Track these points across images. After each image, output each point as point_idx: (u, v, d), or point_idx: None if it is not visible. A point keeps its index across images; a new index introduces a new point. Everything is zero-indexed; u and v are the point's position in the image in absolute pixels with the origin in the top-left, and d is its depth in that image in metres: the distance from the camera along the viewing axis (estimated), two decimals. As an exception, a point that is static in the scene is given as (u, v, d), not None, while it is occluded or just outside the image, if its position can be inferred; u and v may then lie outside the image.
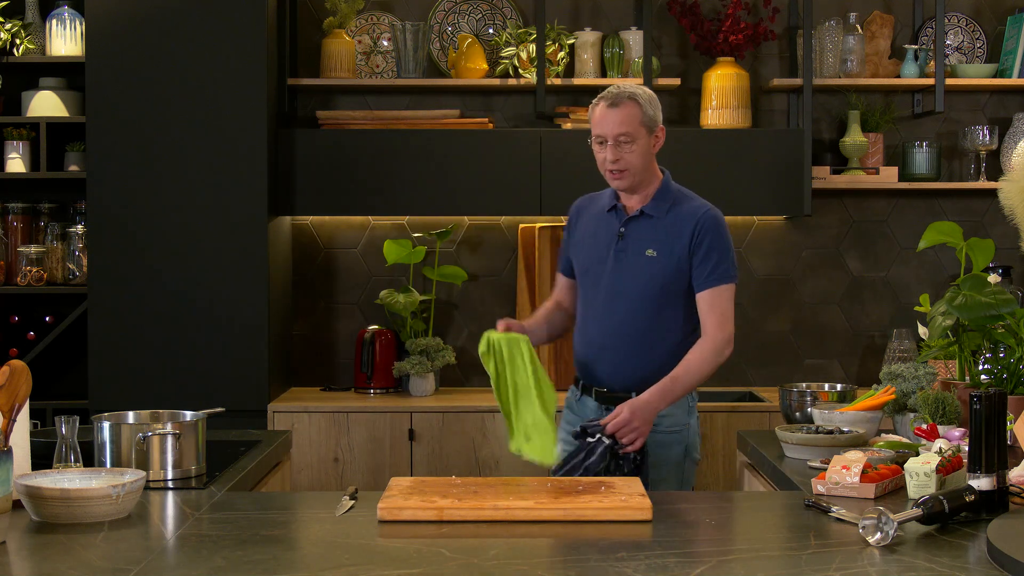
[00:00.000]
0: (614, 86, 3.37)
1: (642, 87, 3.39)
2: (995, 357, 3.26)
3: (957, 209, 5.17)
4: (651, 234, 3.36)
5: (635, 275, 3.35)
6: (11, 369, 2.35)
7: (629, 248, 3.37)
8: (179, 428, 2.80)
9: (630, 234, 3.38)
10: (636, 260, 3.36)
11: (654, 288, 3.33)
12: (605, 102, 3.34)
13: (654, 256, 3.34)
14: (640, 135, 3.32)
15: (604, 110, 3.33)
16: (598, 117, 3.34)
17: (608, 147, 3.32)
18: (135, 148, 4.63)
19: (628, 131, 3.30)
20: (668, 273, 3.33)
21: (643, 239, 3.37)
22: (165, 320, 4.63)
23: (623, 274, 3.36)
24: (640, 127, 3.32)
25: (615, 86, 3.37)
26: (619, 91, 3.34)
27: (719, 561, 2.15)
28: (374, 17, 5.16)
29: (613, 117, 3.31)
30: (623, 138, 3.30)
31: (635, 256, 3.36)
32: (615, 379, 3.36)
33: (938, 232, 3.45)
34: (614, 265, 3.37)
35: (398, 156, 4.86)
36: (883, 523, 2.17)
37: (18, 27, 4.90)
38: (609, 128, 3.31)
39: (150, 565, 2.11)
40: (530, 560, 2.16)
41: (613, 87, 3.36)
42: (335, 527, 2.39)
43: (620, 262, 3.37)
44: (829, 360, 5.20)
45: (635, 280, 3.34)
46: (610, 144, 3.32)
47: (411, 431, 4.63)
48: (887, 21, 5.12)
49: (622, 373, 3.35)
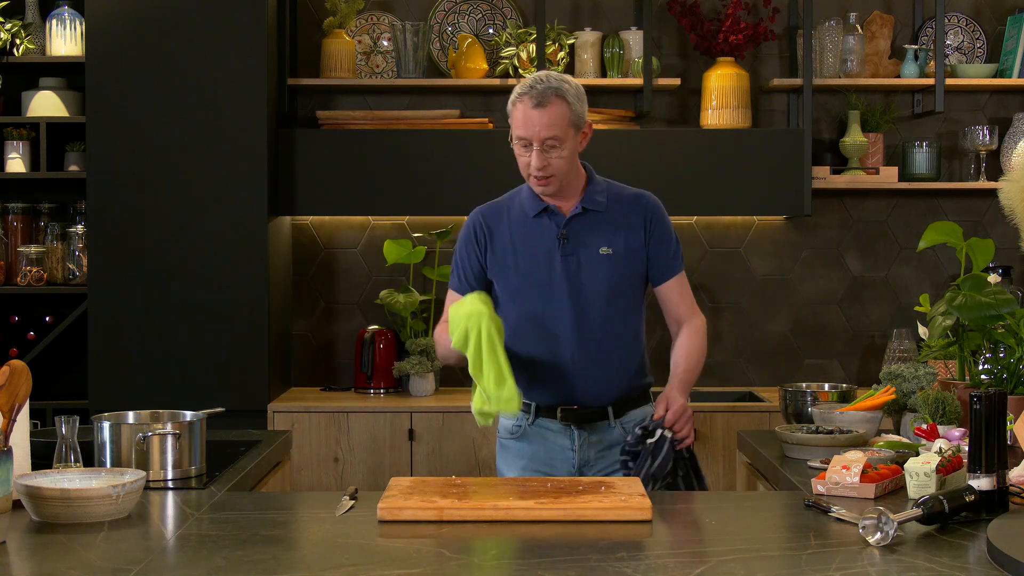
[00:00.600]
0: (536, 77, 3.01)
1: (566, 78, 3.06)
2: (995, 357, 3.26)
3: (957, 209, 5.17)
4: (600, 230, 3.09)
5: (594, 278, 3.07)
6: (11, 369, 2.35)
7: (578, 251, 3.08)
8: (179, 428, 2.79)
9: (575, 235, 3.09)
10: (591, 262, 3.08)
11: (619, 287, 3.09)
12: (529, 101, 2.99)
13: (610, 253, 3.08)
14: (568, 136, 3.02)
15: (528, 110, 2.99)
16: (521, 117, 3.01)
17: (534, 152, 3.01)
18: (135, 148, 4.63)
19: (556, 134, 2.99)
20: (629, 268, 3.10)
21: (592, 237, 3.09)
22: (165, 320, 4.63)
23: (580, 279, 3.07)
24: (568, 128, 3.01)
25: (538, 77, 3.01)
26: (544, 86, 2.99)
27: (719, 561, 2.15)
28: (374, 17, 5.16)
29: (539, 119, 2.98)
30: (551, 142, 3.00)
31: (588, 258, 3.08)
32: (593, 394, 3.10)
33: (938, 232, 3.45)
34: (565, 272, 3.07)
35: (398, 156, 4.86)
36: (883, 523, 2.17)
37: (18, 27, 4.90)
38: (535, 131, 2.99)
39: (150, 565, 2.11)
40: (530, 560, 2.16)
41: (535, 79, 3.01)
42: (335, 527, 2.39)
43: (571, 267, 3.07)
44: (829, 360, 5.20)
45: (597, 283, 3.07)
46: (536, 149, 3.01)
47: (411, 431, 4.63)
48: (887, 21, 5.12)
49: (602, 386, 3.10)
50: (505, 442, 3.19)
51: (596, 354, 3.08)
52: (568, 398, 3.09)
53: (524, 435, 3.14)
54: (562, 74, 3.08)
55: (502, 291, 3.13)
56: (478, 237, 3.18)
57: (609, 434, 3.11)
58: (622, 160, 4.82)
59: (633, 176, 4.78)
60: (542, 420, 3.12)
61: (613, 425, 3.11)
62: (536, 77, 3.02)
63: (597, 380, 3.09)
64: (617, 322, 3.10)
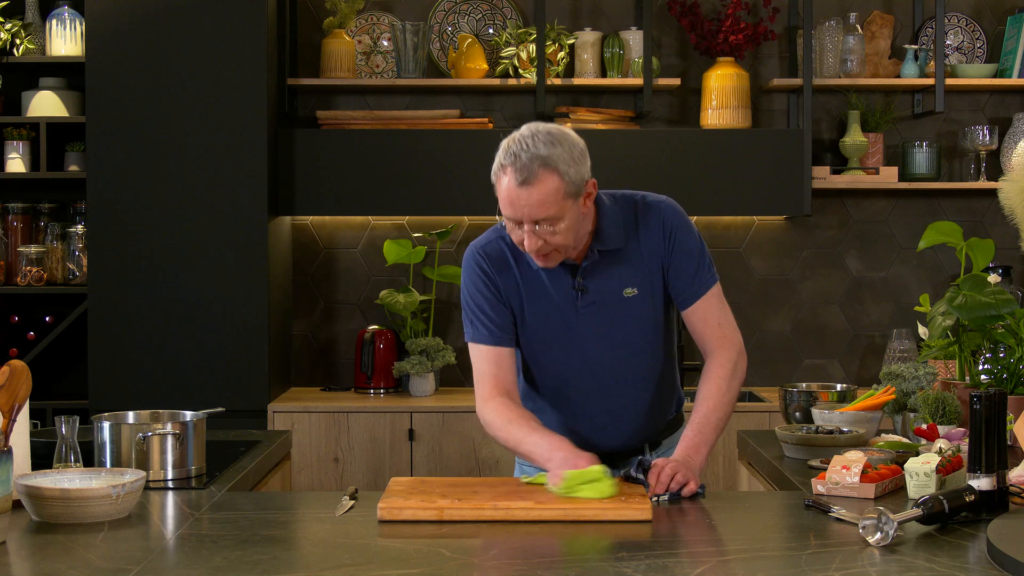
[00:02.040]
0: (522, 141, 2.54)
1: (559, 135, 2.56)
2: (995, 357, 3.26)
3: (957, 209, 5.17)
4: (619, 270, 2.71)
5: (621, 324, 2.72)
6: (11, 369, 2.35)
7: (599, 299, 2.71)
8: (179, 428, 2.79)
9: (593, 282, 2.71)
10: (616, 308, 2.72)
11: (650, 330, 2.76)
12: (514, 176, 2.52)
13: (635, 294, 2.72)
14: (565, 210, 2.55)
15: (513, 188, 2.53)
16: (505, 195, 2.55)
17: (526, 232, 2.57)
18: (135, 148, 4.63)
19: (549, 214, 2.54)
20: (657, 306, 2.76)
21: (613, 279, 2.71)
22: (165, 320, 4.63)
23: (607, 329, 2.72)
24: (563, 202, 2.54)
25: (523, 142, 2.54)
26: (529, 156, 2.52)
27: (719, 561, 2.15)
28: (374, 17, 5.16)
29: (526, 199, 2.53)
30: (544, 224, 2.56)
31: (612, 304, 2.72)
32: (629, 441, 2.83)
33: (938, 232, 3.45)
34: (587, 327, 2.72)
35: (398, 156, 4.85)
36: (883, 523, 2.17)
37: (18, 27, 4.90)
38: (523, 212, 2.54)
39: (150, 565, 2.11)
40: (530, 560, 2.16)
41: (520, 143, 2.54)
42: (335, 527, 2.39)
43: (593, 317, 2.71)
44: (829, 360, 5.20)
45: (624, 330, 2.73)
46: (527, 229, 2.57)
47: (411, 431, 4.63)
48: (887, 21, 5.12)
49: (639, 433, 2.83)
50: (528, 469, 2.87)
51: (629, 404, 2.80)
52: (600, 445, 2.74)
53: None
54: (552, 129, 2.58)
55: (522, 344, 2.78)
56: (489, 277, 2.73)
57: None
58: (622, 160, 4.82)
59: (633, 176, 4.80)
60: None
61: (649, 457, 2.75)
62: (522, 141, 2.55)
63: (630, 428, 2.82)
64: (650, 367, 2.80)
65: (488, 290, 2.73)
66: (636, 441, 2.86)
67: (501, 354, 2.74)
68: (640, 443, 2.87)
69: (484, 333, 2.73)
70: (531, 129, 2.59)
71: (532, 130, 2.58)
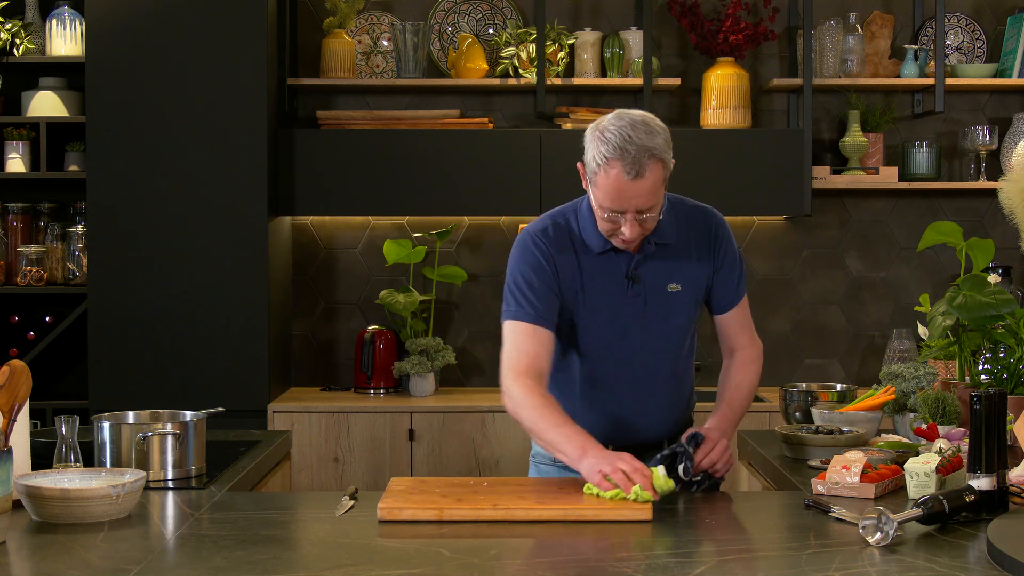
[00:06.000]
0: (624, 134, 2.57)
1: (654, 125, 2.63)
2: (995, 357, 3.26)
3: (957, 209, 5.17)
4: (669, 265, 2.79)
5: (664, 318, 2.80)
6: (11, 369, 2.35)
7: (648, 290, 2.78)
8: (179, 428, 2.79)
9: (644, 273, 2.78)
10: (660, 301, 2.79)
11: (683, 326, 2.83)
12: (623, 170, 2.57)
13: (678, 290, 2.80)
14: (662, 196, 2.67)
15: (622, 181, 2.58)
16: (612, 188, 2.59)
17: (628, 221, 2.64)
18: (135, 148, 4.63)
19: (652, 203, 2.63)
20: (694, 304, 2.85)
21: (662, 274, 2.79)
22: (165, 320, 4.63)
23: (649, 322, 2.78)
24: (662, 188, 2.65)
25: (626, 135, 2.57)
26: (637, 148, 2.56)
27: (719, 561, 2.15)
28: (374, 17, 5.16)
29: (636, 190, 2.59)
30: (647, 212, 2.64)
31: (658, 297, 2.79)
32: (648, 433, 2.86)
33: (938, 232, 3.45)
34: (633, 314, 2.77)
35: (398, 156, 4.86)
36: (883, 523, 2.17)
37: (18, 27, 4.90)
38: (631, 204, 2.61)
39: (150, 565, 2.11)
40: (530, 560, 2.16)
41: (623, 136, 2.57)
42: (335, 527, 2.39)
43: (638, 308, 2.78)
44: (829, 360, 5.20)
45: (664, 324, 2.80)
46: (630, 218, 2.64)
47: (411, 431, 4.63)
48: (887, 21, 5.12)
49: (657, 426, 2.87)
50: (543, 467, 2.94)
51: (652, 398, 2.84)
52: (619, 438, 2.79)
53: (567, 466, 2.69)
54: (646, 117, 2.63)
55: (565, 326, 2.79)
56: (547, 259, 2.74)
57: None
58: (622, 160, 4.82)
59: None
60: None
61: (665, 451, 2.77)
62: (622, 132, 2.57)
63: (654, 421, 2.86)
64: (679, 362, 2.87)
65: (542, 272, 2.73)
66: (655, 430, 2.88)
67: (543, 335, 2.72)
68: (660, 434, 2.88)
69: (531, 312, 2.72)
70: (626, 119, 2.61)
71: (628, 120, 2.60)
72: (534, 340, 2.71)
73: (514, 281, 2.76)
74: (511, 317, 2.74)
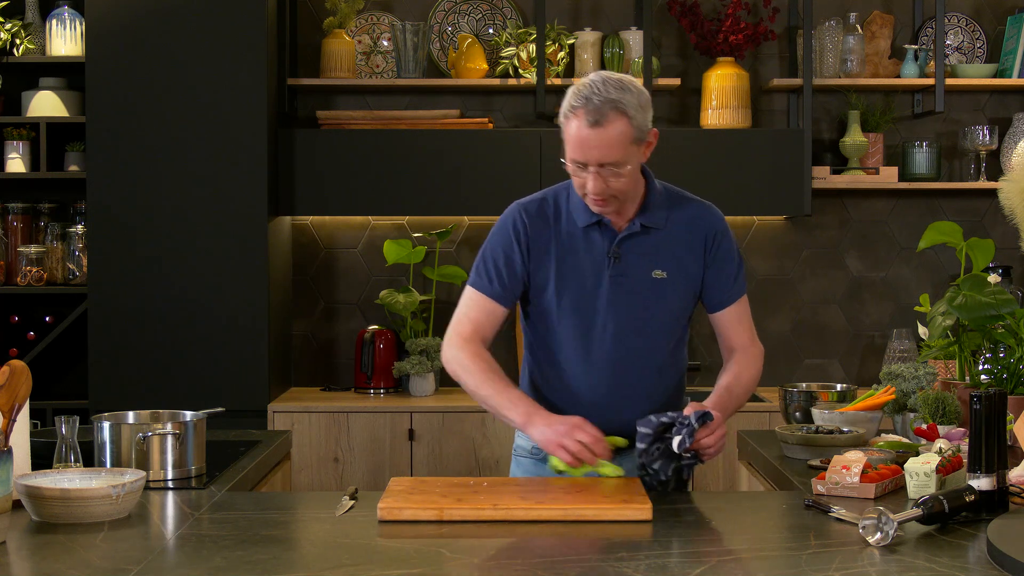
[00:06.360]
0: (593, 85, 2.62)
1: (628, 83, 2.65)
2: (995, 357, 3.26)
3: (957, 209, 5.17)
4: (655, 250, 2.77)
5: (645, 304, 2.76)
6: (11, 369, 2.35)
7: (630, 272, 2.76)
8: (179, 428, 2.79)
9: (628, 255, 2.76)
10: (642, 286, 2.76)
11: (667, 315, 2.79)
12: (585, 118, 2.60)
13: (664, 278, 2.77)
14: (630, 155, 2.65)
15: (583, 129, 2.61)
16: (574, 136, 2.63)
17: (591, 174, 2.65)
18: (135, 148, 4.63)
19: (616, 158, 2.63)
20: (682, 296, 2.81)
21: (646, 258, 2.77)
22: (165, 320, 4.63)
23: (628, 305, 2.76)
24: (629, 147, 2.64)
25: (594, 86, 2.61)
26: (601, 99, 2.59)
27: (719, 561, 2.15)
28: (374, 17, 5.16)
29: (595, 140, 2.61)
30: (610, 167, 2.64)
31: (640, 281, 2.76)
32: (627, 422, 2.76)
33: (938, 232, 3.45)
34: (612, 296, 2.76)
35: (398, 156, 4.86)
36: (883, 523, 2.17)
37: (18, 27, 4.90)
38: (592, 154, 2.62)
39: (150, 565, 2.11)
40: (530, 560, 2.16)
41: (592, 87, 2.62)
42: (335, 527, 2.39)
43: (620, 290, 2.76)
44: (829, 360, 5.20)
45: (646, 310, 2.77)
46: (592, 171, 2.64)
47: (411, 431, 4.63)
48: (887, 21, 5.12)
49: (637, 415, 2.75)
50: (523, 460, 2.94)
51: (633, 387, 2.81)
52: (602, 425, 2.73)
53: (546, 457, 2.76)
54: (622, 77, 2.66)
55: (543, 303, 2.80)
56: (520, 237, 2.79)
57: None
58: (622, 160, 4.82)
59: (633, 176, 4.80)
60: None
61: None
62: (592, 85, 2.62)
63: (630, 412, 2.77)
64: (661, 352, 2.83)
65: (513, 255, 2.79)
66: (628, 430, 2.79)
67: (496, 310, 2.80)
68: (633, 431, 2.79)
69: (493, 289, 2.80)
70: (601, 76, 2.65)
71: (602, 77, 2.64)
72: (487, 313, 2.79)
73: (487, 252, 2.83)
74: (473, 285, 2.83)
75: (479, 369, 2.74)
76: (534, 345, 2.88)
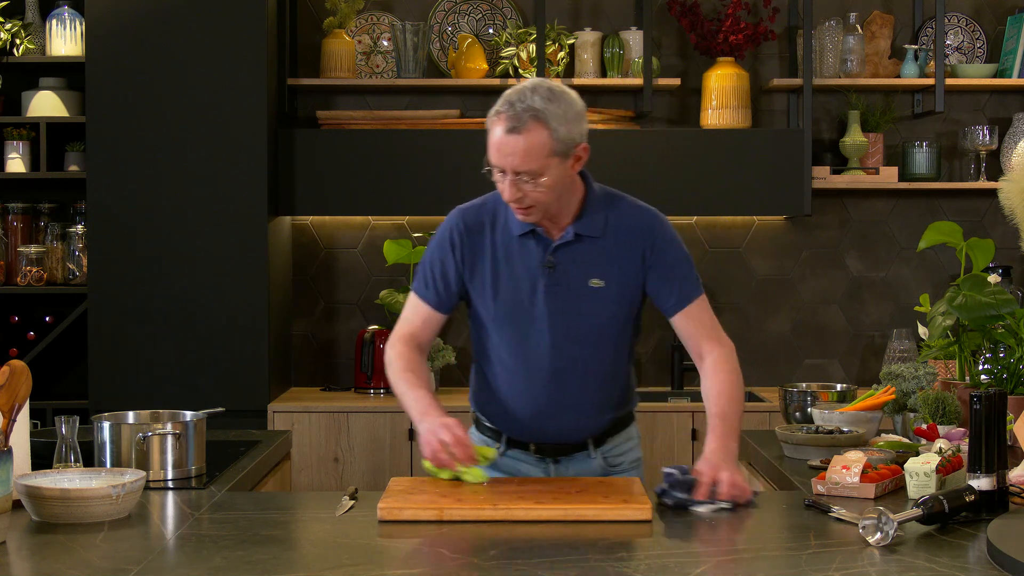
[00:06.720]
0: (521, 92, 2.57)
1: (558, 92, 2.59)
2: (995, 357, 3.26)
3: (957, 209, 5.17)
4: (591, 259, 2.72)
5: (581, 313, 2.72)
6: (11, 369, 2.35)
7: (565, 281, 2.71)
8: (179, 428, 2.80)
9: (563, 264, 2.71)
10: (579, 295, 2.71)
11: (609, 326, 2.75)
12: (505, 123, 2.56)
13: (602, 287, 2.72)
14: (549, 167, 2.57)
15: (502, 135, 2.56)
16: (494, 141, 2.58)
17: (507, 181, 2.60)
18: (135, 148, 4.63)
19: (531, 168, 2.56)
20: (622, 305, 2.75)
21: (582, 267, 2.72)
22: (165, 320, 4.63)
23: (565, 315, 2.72)
24: (548, 159, 2.56)
25: (522, 92, 2.57)
26: (523, 106, 2.54)
27: (719, 561, 2.15)
28: (374, 17, 5.16)
29: (512, 146, 2.55)
30: (525, 176, 2.58)
31: (576, 291, 2.71)
32: (572, 430, 2.81)
33: (938, 232, 3.45)
34: (548, 306, 2.71)
35: (398, 156, 4.86)
36: (883, 523, 2.17)
37: (18, 27, 4.90)
38: (507, 161, 2.57)
39: (150, 565, 2.11)
40: (530, 560, 2.16)
41: (519, 93, 2.57)
42: (335, 527, 2.39)
43: (556, 299, 2.71)
44: (829, 360, 5.20)
45: (583, 320, 2.72)
46: (509, 178, 2.59)
47: (411, 431, 4.63)
48: (887, 21, 5.12)
49: (581, 423, 2.80)
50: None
51: (576, 396, 2.77)
52: (542, 435, 2.81)
53: (494, 464, 2.81)
54: (554, 87, 2.61)
55: (480, 311, 2.79)
56: (455, 246, 2.77)
57: (588, 464, 2.86)
58: (622, 160, 4.82)
59: (633, 176, 4.80)
60: (515, 452, 2.87)
61: (593, 456, 2.85)
62: (521, 91, 2.58)
63: (576, 418, 2.79)
64: (602, 361, 2.78)
65: (448, 263, 2.78)
66: (578, 435, 2.82)
67: (432, 315, 2.82)
68: (583, 438, 2.83)
69: (427, 294, 2.81)
70: (533, 83, 2.61)
71: (534, 84, 2.60)
72: (422, 318, 2.81)
73: (426, 260, 2.83)
74: (415, 292, 2.84)
75: (399, 367, 2.78)
76: (478, 351, 2.88)
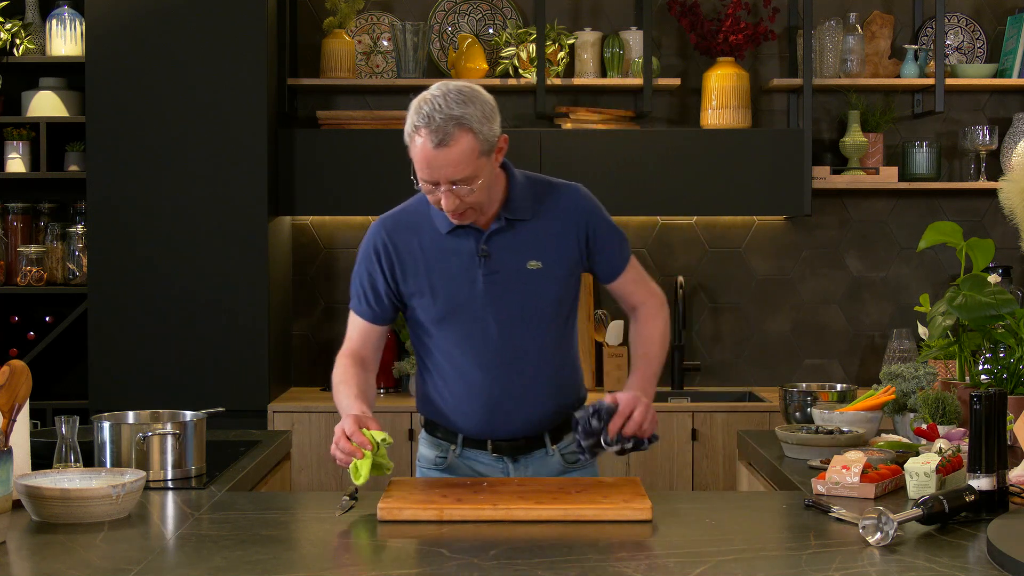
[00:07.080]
0: (434, 102, 2.54)
1: (469, 94, 2.58)
2: (995, 357, 3.26)
3: (957, 209, 5.17)
4: (525, 242, 2.72)
5: (523, 297, 2.72)
6: (11, 369, 2.35)
7: (502, 267, 2.71)
8: (179, 428, 2.80)
9: (498, 250, 2.71)
10: (517, 279, 2.71)
11: (550, 304, 2.74)
12: (429, 138, 2.52)
13: (540, 267, 2.72)
14: (481, 168, 2.58)
15: (428, 150, 2.54)
16: (419, 156, 2.55)
17: (443, 193, 2.58)
18: (135, 148, 4.63)
19: (465, 175, 2.56)
20: (562, 281, 2.75)
21: (518, 251, 2.72)
22: (165, 320, 4.63)
23: (508, 301, 2.71)
24: (479, 160, 2.57)
25: (435, 103, 2.54)
26: (443, 117, 2.52)
27: (719, 561, 2.15)
28: (374, 17, 5.16)
29: (442, 160, 2.54)
30: (461, 183, 2.57)
31: (514, 274, 2.71)
32: (527, 423, 2.80)
33: (938, 232, 3.45)
34: (489, 294, 2.71)
35: (398, 156, 4.82)
36: (883, 523, 2.17)
37: (18, 27, 4.90)
38: (441, 173, 2.56)
39: (150, 565, 2.11)
40: (530, 560, 2.16)
41: (433, 104, 2.54)
42: (335, 527, 2.39)
43: (496, 287, 2.71)
44: (829, 360, 5.20)
45: (525, 303, 2.72)
46: (444, 190, 2.58)
47: (411, 431, 4.63)
48: (887, 21, 5.12)
49: (536, 414, 2.79)
50: (428, 471, 2.92)
51: (530, 382, 2.77)
52: (499, 429, 2.79)
53: (450, 467, 2.85)
54: (463, 88, 2.59)
55: (422, 316, 2.78)
56: (381, 257, 2.76)
57: (546, 463, 2.85)
58: (622, 160, 4.83)
59: (633, 176, 4.80)
60: (470, 451, 2.84)
61: (551, 452, 2.84)
62: (434, 101, 2.54)
63: (531, 409, 2.78)
64: (551, 343, 2.78)
65: (376, 274, 2.78)
66: (534, 428, 2.81)
67: (372, 331, 2.83)
68: (539, 432, 2.83)
69: (367, 311, 2.81)
70: (441, 89, 2.58)
71: (443, 90, 2.57)
72: (360, 332, 2.83)
73: (355, 275, 2.83)
74: (352, 308, 2.85)
75: (335, 380, 2.78)
76: (422, 355, 2.87)
